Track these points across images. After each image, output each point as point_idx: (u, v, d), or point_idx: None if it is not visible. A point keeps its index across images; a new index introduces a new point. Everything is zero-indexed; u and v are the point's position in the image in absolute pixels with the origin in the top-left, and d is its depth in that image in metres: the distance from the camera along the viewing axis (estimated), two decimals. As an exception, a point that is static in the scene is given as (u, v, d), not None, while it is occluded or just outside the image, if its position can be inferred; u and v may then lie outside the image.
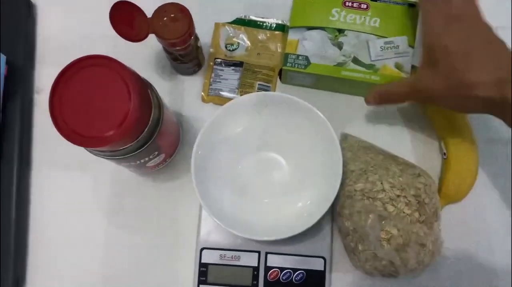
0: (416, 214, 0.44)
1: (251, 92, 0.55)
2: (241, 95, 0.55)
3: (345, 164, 0.48)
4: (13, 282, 0.51)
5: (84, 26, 0.58)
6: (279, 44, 0.57)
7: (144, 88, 0.39)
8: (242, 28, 0.58)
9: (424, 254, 0.44)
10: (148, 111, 0.40)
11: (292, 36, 0.52)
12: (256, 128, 0.52)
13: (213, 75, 0.56)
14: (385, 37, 0.52)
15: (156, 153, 0.46)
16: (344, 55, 0.52)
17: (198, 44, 0.53)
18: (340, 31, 0.52)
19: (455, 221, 0.52)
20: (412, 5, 0.53)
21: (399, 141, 0.55)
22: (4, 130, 0.53)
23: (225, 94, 0.56)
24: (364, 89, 0.51)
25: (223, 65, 0.57)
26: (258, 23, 0.58)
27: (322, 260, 0.50)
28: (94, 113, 0.36)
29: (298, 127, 0.50)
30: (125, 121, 0.36)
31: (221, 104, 0.52)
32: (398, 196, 0.44)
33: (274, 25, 0.58)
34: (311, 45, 0.52)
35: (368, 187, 0.45)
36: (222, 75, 0.56)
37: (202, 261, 0.50)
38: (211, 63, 0.57)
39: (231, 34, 0.57)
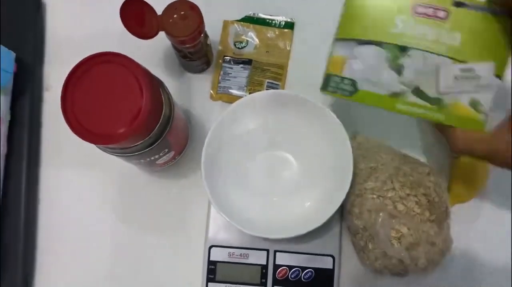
0: (427, 213, 0.44)
1: (260, 90, 0.55)
2: (250, 93, 0.55)
3: (355, 163, 0.48)
4: (22, 279, 0.51)
5: (94, 23, 0.58)
6: (287, 42, 0.57)
7: (155, 85, 0.39)
8: (251, 25, 0.57)
9: (434, 253, 0.44)
10: (160, 108, 0.40)
11: (338, 51, 0.40)
12: (266, 126, 0.52)
13: (221, 73, 0.56)
14: (464, 61, 0.39)
15: (166, 150, 0.46)
16: (403, 83, 0.40)
17: (208, 42, 0.53)
18: (403, 49, 0.39)
19: (464, 220, 0.52)
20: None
21: (410, 140, 0.54)
22: (14, 127, 0.53)
23: (234, 92, 0.56)
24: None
25: (232, 63, 0.56)
26: (267, 21, 0.58)
27: (331, 259, 0.50)
28: (106, 110, 0.36)
29: (309, 126, 0.50)
30: (137, 118, 0.36)
31: (230, 102, 0.52)
32: (408, 195, 0.44)
33: (283, 23, 0.58)
34: (361, 66, 0.40)
35: (378, 185, 0.45)
36: (231, 73, 0.56)
37: (211, 259, 0.50)
38: (220, 61, 0.57)
39: (239, 32, 0.57)
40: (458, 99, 0.39)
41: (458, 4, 0.39)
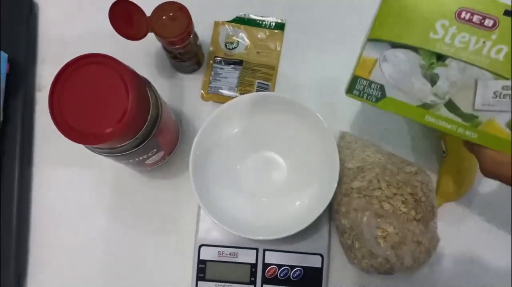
0: (413, 212, 0.44)
1: (251, 90, 0.55)
2: (240, 93, 0.56)
3: (342, 162, 0.48)
4: (14, 278, 0.51)
5: (86, 24, 0.58)
6: (278, 43, 0.57)
7: (142, 85, 0.40)
8: (242, 26, 0.58)
9: (420, 251, 0.44)
10: (146, 108, 0.40)
11: (369, 52, 0.37)
12: (254, 127, 0.52)
13: (212, 73, 0.57)
14: (507, 78, 0.36)
15: (155, 150, 0.46)
16: (435, 94, 0.37)
17: (198, 43, 0.53)
18: (440, 57, 0.36)
19: (453, 219, 0.52)
20: None
21: (399, 139, 0.55)
22: (6, 127, 0.54)
23: (224, 92, 0.56)
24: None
25: (223, 63, 0.57)
26: (258, 21, 0.58)
27: (320, 257, 0.50)
28: (92, 111, 0.37)
29: (296, 127, 0.51)
30: (123, 118, 0.36)
31: (221, 102, 0.53)
32: (395, 194, 0.45)
33: (274, 24, 0.58)
34: (392, 71, 0.37)
35: (365, 185, 0.45)
36: (221, 74, 0.57)
37: (201, 257, 0.51)
38: (211, 62, 0.57)
39: (230, 33, 0.58)
40: (494, 118, 0.36)
41: (510, 14, 0.35)
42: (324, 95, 0.56)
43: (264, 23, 0.58)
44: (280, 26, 0.58)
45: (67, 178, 0.55)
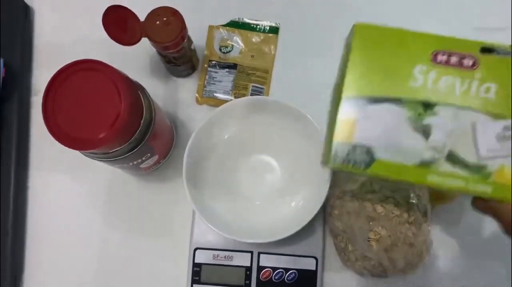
0: (405, 215, 0.44)
1: (246, 94, 0.56)
2: (235, 96, 0.56)
3: (335, 166, 0.48)
4: (11, 280, 0.52)
5: (80, 29, 0.59)
6: (272, 47, 0.58)
7: (134, 90, 0.40)
8: (236, 30, 0.58)
9: (413, 254, 0.44)
10: (139, 112, 0.41)
11: (345, 112, 0.33)
12: (248, 131, 0.52)
13: (207, 77, 0.57)
14: (504, 117, 0.32)
15: (149, 154, 0.47)
16: (433, 148, 0.33)
17: (192, 47, 0.53)
18: (428, 106, 0.32)
19: (446, 222, 0.53)
20: None
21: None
22: (2, 132, 0.54)
23: (219, 96, 0.56)
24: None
25: (217, 67, 0.57)
26: (252, 25, 0.58)
27: (314, 260, 0.51)
28: (86, 116, 0.37)
29: (290, 130, 0.51)
30: (115, 123, 0.37)
31: (216, 106, 0.53)
32: (388, 197, 0.45)
33: (268, 28, 0.58)
34: (377, 129, 0.33)
35: (358, 188, 0.46)
36: (216, 77, 0.57)
37: (196, 261, 0.51)
38: (206, 65, 0.57)
39: (225, 37, 0.58)
40: (503, 164, 0.32)
41: (486, 51, 0.32)
42: (318, 98, 0.56)
43: (258, 27, 0.58)
44: (274, 30, 0.58)
45: (62, 181, 0.55)
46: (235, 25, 0.58)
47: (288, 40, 0.58)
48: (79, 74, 0.37)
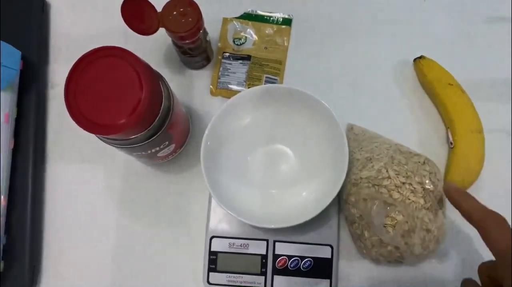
0: (421, 201, 0.45)
1: (259, 85, 0.56)
2: (249, 87, 0.56)
3: (351, 153, 0.49)
4: (29, 270, 0.52)
5: (96, 21, 0.59)
6: (285, 38, 0.58)
7: (155, 78, 0.41)
8: (250, 22, 0.59)
9: (429, 239, 0.45)
10: (159, 100, 0.41)
11: None
12: (263, 120, 0.53)
13: (221, 68, 0.58)
14: None
15: (167, 143, 0.47)
16: None
17: (207, 38, 0.54)
18: None
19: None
20: None
21: (406, 131, 0.55)
22: (20, 124, 0.55)
23: (233, 87, 0.57)
24: None
25: (231, 59, 0.58)
26: (265, 17, 0.59)
27: (330, 248, 0.51)
28: (107, 102, 0.38)
29: (305, 118, 0.51)
30: (136, 110, 0.37)
31: (230, 97, 0.53)
32: (403, 183, 0.45)
33: (281, 19, 0.59)
34: None
35: (374, 174, 0.46)
36: (230, 69, 0.58)
37: (212, 249, 0.51)
38: (219, 57, 0.58)
39: (238, 29, 0.59)
40: None
41: None
42: (331, 88, 0.57)
43: (271, 18, 0.59)
44: (288, 22, 0.59)
45: (79, 173, 0.56)
46: (249, 17, 0.59)
47: (301, 31, 0.59)
48: (102, 61, 0.38)
